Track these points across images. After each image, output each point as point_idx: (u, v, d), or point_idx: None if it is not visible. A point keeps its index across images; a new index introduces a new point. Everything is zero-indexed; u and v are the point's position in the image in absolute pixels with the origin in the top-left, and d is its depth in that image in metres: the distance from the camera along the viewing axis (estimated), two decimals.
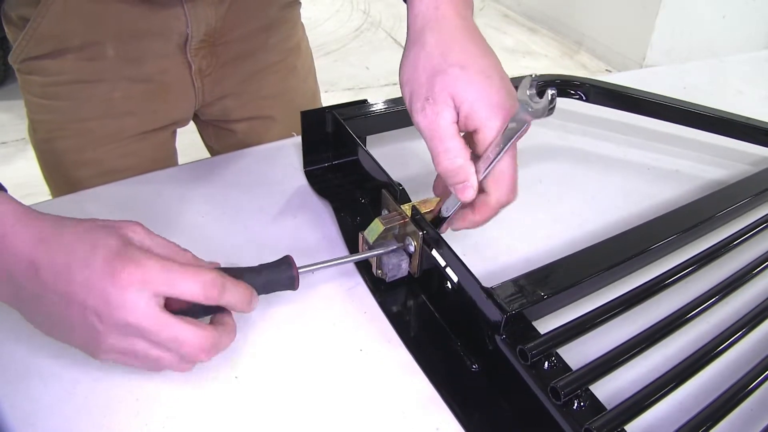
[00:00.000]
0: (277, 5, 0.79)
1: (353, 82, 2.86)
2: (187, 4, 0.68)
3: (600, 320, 0.47)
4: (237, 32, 0.75)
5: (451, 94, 0.44)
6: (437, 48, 0.46)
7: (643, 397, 0.41)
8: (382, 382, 0.48)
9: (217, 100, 0.81)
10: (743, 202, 0.63)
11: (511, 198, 0.47)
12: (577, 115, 0.86)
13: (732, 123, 0.78)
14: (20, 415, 0.43)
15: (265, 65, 0.82)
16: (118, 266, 0.39)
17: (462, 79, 0.44)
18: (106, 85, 0.70)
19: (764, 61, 1.14)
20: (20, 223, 0.39)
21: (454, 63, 0.45)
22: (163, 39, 0.70)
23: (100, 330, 0.39)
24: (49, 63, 0.67)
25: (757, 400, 0.47)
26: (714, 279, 0.54)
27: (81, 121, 0.71)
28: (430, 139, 0.46)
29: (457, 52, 0.45)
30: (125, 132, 0.74)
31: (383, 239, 0.54)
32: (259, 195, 0.65)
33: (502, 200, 0.47)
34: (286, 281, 0.47)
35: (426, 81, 0.45)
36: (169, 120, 0.79)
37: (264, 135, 0.86)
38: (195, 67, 0.74)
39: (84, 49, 0.67)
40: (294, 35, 0.85)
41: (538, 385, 0.41)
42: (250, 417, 0.44)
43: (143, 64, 0.71)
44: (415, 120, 0.46)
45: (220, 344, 0.43)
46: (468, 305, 0.47)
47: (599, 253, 0.52)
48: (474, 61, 0.45)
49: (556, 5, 3.56)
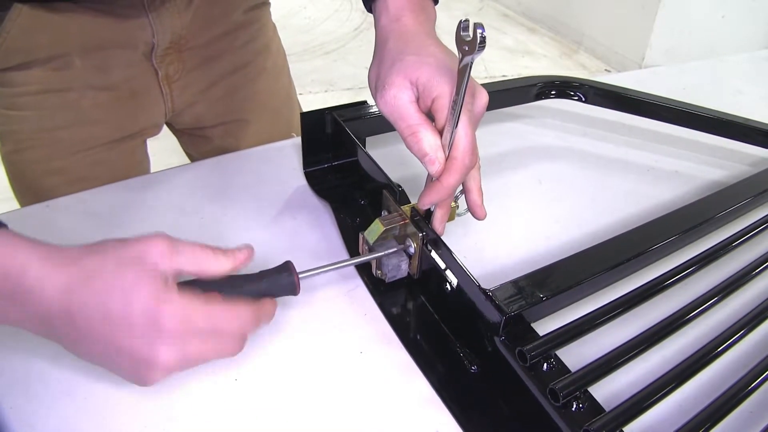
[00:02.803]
0: (241, 9, 0.79)
1: (352, 82, 2.86)
2: (151, 14, 0.68)
3: (599, 322, 0.47)
4: (203, 38, 0.75)
5: (407, 76, 0.48)
6: (396, 47, 0.51)
7: (642, 399, 0.41)
8: (381, 384, 0.48)
9: (188, 108, 0.80)
10: (742, 203, 0.63)
11: (474, 160, 0.49)
12: (576, 116, 0.86)
13: (731, 124, 0.78)
14: (20, 415, 0.43)
15: (232, 68, 0.81)
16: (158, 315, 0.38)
17: (415, 62, 0.49)
18: (74, 94, 0.70)
19: (763, 61, 1.14)
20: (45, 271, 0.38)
21: (409, 53, 0.50)
22: (129, 48, 0.70)
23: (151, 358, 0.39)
24: (15, 75, 0.67)
25: (756, 402, 0.47)
26: (712, 281, 0.54)
27: (49, 131, 0.71)
28: (394, 121, 0.49)
29: (413, 47, 0.50)
30: (94, 140, 0.74)
31: (383, 240, 0.54)
32: (259, 196, 0.65)
33: (466, 163, 0.48)
34: (287, 287, 0.47)
35: (385, 72, 0.50)
36: (139, 127, 0.78)
37: (240, 139, 0.86)
38: (162, 73, 0.74)
39: (51, 60, 0.67)
40: (262, 36, 0.84)
41: (536, 386, 0.42)
42: (250, 419, 0.44)
43: (110, 72, 0.70)
44: (379, 107, 0.50)
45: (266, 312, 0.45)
46: (467, 307, 0.48)
47: (598, 255, 0.53)
48: (427, 51, 0.50)
49: (555, 5, 3.56)
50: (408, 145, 0.49)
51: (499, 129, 0.82)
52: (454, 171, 0.48)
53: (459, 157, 0.48)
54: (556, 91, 0.81)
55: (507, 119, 0.84)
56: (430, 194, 0.50)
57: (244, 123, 0.86)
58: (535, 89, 0.81)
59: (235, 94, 0.83)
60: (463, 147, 0.48)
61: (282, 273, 0.47)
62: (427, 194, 0.50)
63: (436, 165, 0.48)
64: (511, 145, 0.79)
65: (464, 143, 0.48)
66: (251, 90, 0.85)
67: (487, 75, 3.01)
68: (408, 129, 0.48)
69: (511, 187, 0.71)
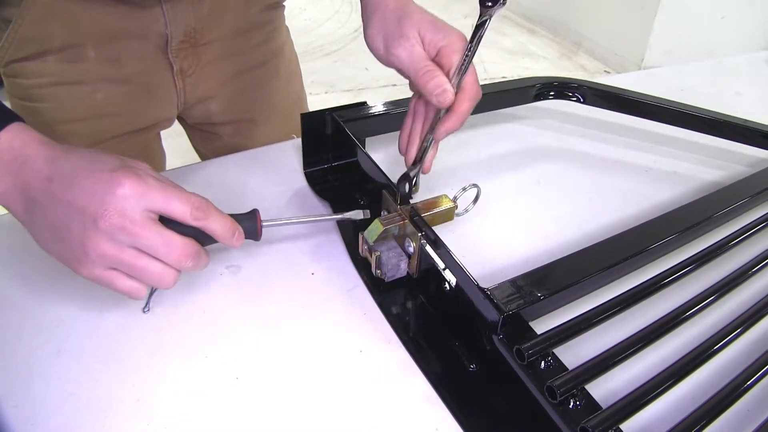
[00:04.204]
0: (258, 6, 0.79)
1: (353, 83, 2.86)
2: (165, 5, 0.68)
3: (596, 320, 0.47)
4: (218, 33, 0.76)
5: (416, 29, 0.57)
6: (398, 6, 0.59)
7: (639, 396, 0.41)
8: (381, 382, 0.48)
9: (200, 103, 0.81)
10: (740, 203, 0.63)
11: (480, 91, 0.57)
12: (574, 116, 0.87)
13: (729, 125, 0.78)
14: (22, 414, 0.43)
15: (246, 67, 0.82)
16: (122, 177, 0.43)
17: (423, 19, 0.57)
18: (88, 87, 0.71)
19: (762, 62, 1.15)
20: (43, 146, 0.45)
21: (414, 11, 0.58)
22: (143, 40, 0.70)
23: (92, 235, 0.42)
24: (31, 65, 0.68)
25: (752, 400, 0.47)
26: (709, 280, 0.55)
27: (64, 123, 0.72)
28: (412, 65, 0.56)
29: (413, 6, 0.59)
30: (108, 133, 0.75)
31: (383, 239, 0.54)
32: (259, 196, 0.66)
33: (473, 93, 0.56)
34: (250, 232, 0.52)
35: (396, 25, 0.57)
36: (152, 120, 0.79)
37: (249, 138, 0.87)
38: (177, 67, 0.74)
39: (64, 50, 0.67)
40: (277, 38, 0.85)
41: (534, 384, 0.42)
42: (251, 417, 0.45)
43: (124, 65, 0.71)
44: (395, 54, 0.57)
45: (202, 257, 0.47)
46: (466, 306, 0.48)
47: (596, 254, 0.53)
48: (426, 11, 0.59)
49: (554, 6, 3.57)
50: (422, 83, 0.55)
51: (498, 130, 0.82)
52: (466, 99, 0.56)
53: (468, 88, 0.56)
54: (555, 92, 0.82)
55: (506, 120, 0.84)
56: (446, 123, 0.56)
57: (255, 123, 0.87)
58: (534, 90, 0.81)
59: (247, 94, 0.84)
60: (471, 79, 0.56)
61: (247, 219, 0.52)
62: (443, 123, 0.57)
63: (449, 94, 0.54)
64: (509, 146, 0.80)
65: (471, 78, 0.56)
66: (263, 91, 0.86)
67: (487, 76, 3.01)
68: (424, 69, 0.55)
69: (510, 188, 0.72)
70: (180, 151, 0.93)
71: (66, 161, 0.44)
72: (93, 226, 0.42)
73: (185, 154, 0.91)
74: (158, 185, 0.44)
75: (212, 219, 0.47)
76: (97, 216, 0.42)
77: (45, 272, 0.52)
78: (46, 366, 0.47)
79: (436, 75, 0.54)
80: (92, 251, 0.43)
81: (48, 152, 0.44)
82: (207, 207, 0.47)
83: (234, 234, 0.49)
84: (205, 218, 0.46)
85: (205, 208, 0.46)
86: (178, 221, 0.45)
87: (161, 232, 0.44)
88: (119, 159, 0.45)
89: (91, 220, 0.42)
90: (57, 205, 0.43)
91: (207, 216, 0.46)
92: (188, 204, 0.45)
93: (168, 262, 0.45)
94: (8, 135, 0.44)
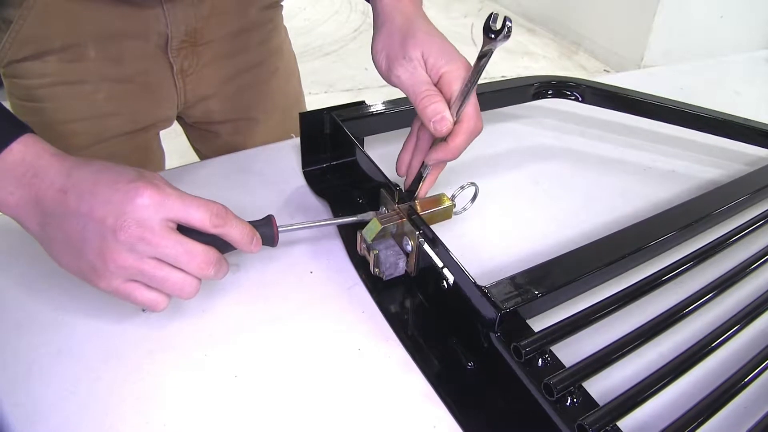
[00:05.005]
0: (257, 6, 0.80)
1: (352, 83, 2.86)
2: (166, 5, 0.69)
3: (594, 318, 0.47)
4: (218, 33, 0.76)
5: (420, 50, 0.55)
6: (405, 23, 0.57)
7: (636, 394, 0.42)
8: (379, 380, 0.48)
9: (200, 102, 0.82)
10: (738, 200, 0.63)
11: (480, 126, 0.55)
12: (573, 115, 0.87)
13: (728, 124, 0.79)
14: (22, 413, 0.43)
15: (246, 66, 0.82)
16: (141, 187, 0.42)
17: (428, 40, 0.55)
18: (89, 87, 0.71)
19: (761, 62, 1.15)
20: (55, 158, 0.44)
21: (420, 30, 0.56)
22: (143, 40, 0.70)
23: (111, 247, 0.42)
24: (31, 65, 0.68)
25: (749, 397, 0.47)
26: (707, 278, 0.55)
27: (64, 123, 0.72)
28: (412, 88, 0.54)
29: (420, 24, 0.57)
30: (108, 132, 0.75)
31: (381, 238, 0.54)
32: (258, 195, 0.66)
33: (472, 127, 0.54)
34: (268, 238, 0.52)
35: (400, 44, 0.55)
36: (152, 120, 0.79)
37: (248, 137, 0.87)
38: (177, 67, 0.75)
39: (65, 50, 0.68)
40: (275, 37, 0.86)
41: (531, 381, 0.42)
42: (250, 416, 0.45)
43: (124, 64, 0.71)
44: (396, 74, 0.55)
45: (223, 264, 0.47)
46: (464, 303, 0.48)
47: (593, 252, 0.53)
48: (433, 31, 0.57)
49: (554, 6, 3.57)
50: (421, 108, 0.53)
51: (497, 129, 0.82)
52: (463, 132, 0.54)
53: (466, 120, 0.54)
54: (553, 90, 0.82)
55: (504, 119, 0.84)
56: (437, 152, 0.55)
57: (254, 122, 0.87)
58: (533, 89, 0.81)
59: (247, 93, 0.84)
60: (471, 111, 0.54)
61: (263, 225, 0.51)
62: (434, 152, 0.55)
63: (447, 123, 0.53)
64: (508, 145, 0.80)
65: (471, 110, 0.54)
66: (262, 90, 0.86)
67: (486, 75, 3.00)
68: (424, 93, 0.53)
69: (509, 187, 0.72)
70: (179, 151, 0.94)
71: (81, 173, 0.43)
72: (112, 237, 0.42)
73: (184, 154, 0.91)
74: (176, 194, 0.44)
75: (231, 225, 0.46)
76: (116, 227, 0.41)
77: (45, 272, 0.52)
78: (46, 365, 0.47)
79: (435, 100, 0.53)
80: (111, 263, 0.42)
81: (61, 164, 0.44)
82: (226, 214, 0.46)
83: (252, 240, 0.48)
84: (224, 225, 0.46)
85: (224, 215, 0.46)
86: (197, 229, 0.45)
87: (181, 241, 0.44)
88: (136, 170, 0.44)
89: (110, 231, 0.41)
90: (72, 217, 0.42)
91: (226, 223, 0.46)
92: (207, 211, 0.45)
93: (189, 271, 0.45)
94: (21, 147, 0.43)
